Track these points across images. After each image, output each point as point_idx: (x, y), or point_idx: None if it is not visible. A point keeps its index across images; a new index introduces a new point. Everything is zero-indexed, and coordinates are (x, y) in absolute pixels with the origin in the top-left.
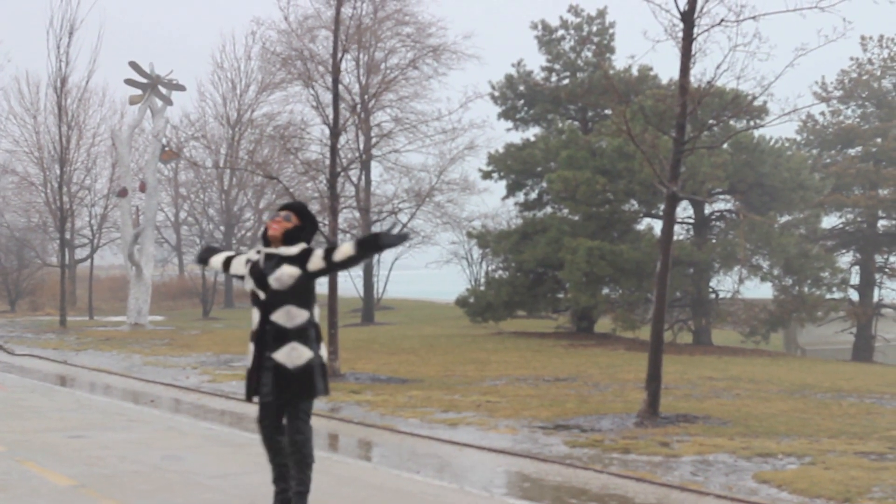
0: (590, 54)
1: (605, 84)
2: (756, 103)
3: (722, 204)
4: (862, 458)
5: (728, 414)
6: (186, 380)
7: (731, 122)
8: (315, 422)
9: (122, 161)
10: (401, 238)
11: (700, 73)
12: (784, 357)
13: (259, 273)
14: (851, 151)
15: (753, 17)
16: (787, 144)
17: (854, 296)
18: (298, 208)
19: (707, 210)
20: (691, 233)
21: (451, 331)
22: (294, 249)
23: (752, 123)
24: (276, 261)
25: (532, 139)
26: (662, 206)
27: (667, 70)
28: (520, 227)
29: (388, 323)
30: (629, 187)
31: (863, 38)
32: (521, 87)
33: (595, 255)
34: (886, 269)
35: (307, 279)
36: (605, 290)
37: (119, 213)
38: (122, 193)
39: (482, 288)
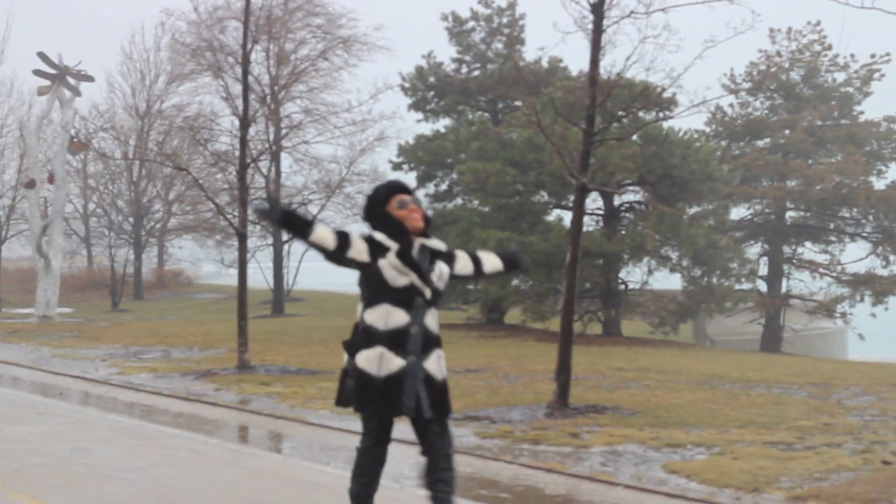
0: (500, 46)
1: (516, 76)
2: (665, 95)
3: (631, 195)
4: (770, 447)
5: (637, 404)
6: (95, 372)
7: (641, 114)
8: (225, 414)
9: (31, 152)
10: (528, 266)
11: (610, 64)
12: (693, 348)
13: (416, 266)
14: (760, 143)
15: (663, 10)
16: (696, 136)
17: (762, 287)
18: (399, 181)
19: (616, 201)
20: (601, 224)
21: None
22: (442, 244)
23: (661, 115)
24: (428, 255)
25: (442, 130)
26: (572, 198)
27: (577, 62)
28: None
29: (298, 314)
30: (539, 179)
31: (771, 30)
32: (432, 79)
33: (505, 246)
34: (794, 261)
35: (449, 280)
36: (515, 282)
37: (27, 205)
38: (30, 185)
39: None
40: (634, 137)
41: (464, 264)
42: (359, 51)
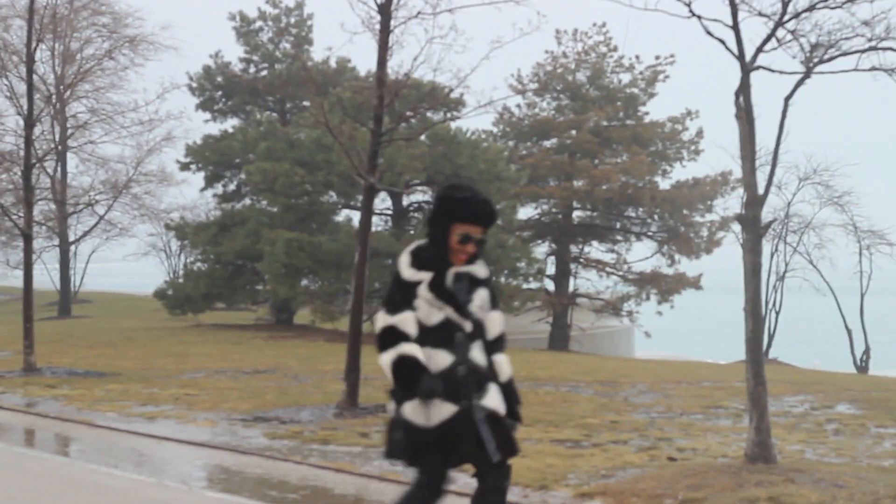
0: (288, 46)
1: (303, 76)
2: (453, 95)
3: (420, 195)
4: (558, 445)
5: None
6: None
7: (429, 114)
8: (9, 417)
9: None
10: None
11: (397, 65)
12: None
13: (450, 297)
14: (547, 143)
15: (450, 10)
16: (483, 136)
17: (550, 286)
18: (491, 213)
19: (405, 201)
20: (390, 224)
21: (149, 324)
22: (484, 269)
23: (449, 115)
24: (467, 282)
25: (230, 130)
26: (361, 198)
27: (365, 62)
28: (218, 219)
29: (85, 316)
30: (328, 179)
31: (557, 31)
32: (219, 79)
33: (294, 246)
34: (581, 260)
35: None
36: (305, 282)
37: None
38: None
39: (181, 280)
40: (422, 137)
41: (492, 326)
42: (145, 50)
